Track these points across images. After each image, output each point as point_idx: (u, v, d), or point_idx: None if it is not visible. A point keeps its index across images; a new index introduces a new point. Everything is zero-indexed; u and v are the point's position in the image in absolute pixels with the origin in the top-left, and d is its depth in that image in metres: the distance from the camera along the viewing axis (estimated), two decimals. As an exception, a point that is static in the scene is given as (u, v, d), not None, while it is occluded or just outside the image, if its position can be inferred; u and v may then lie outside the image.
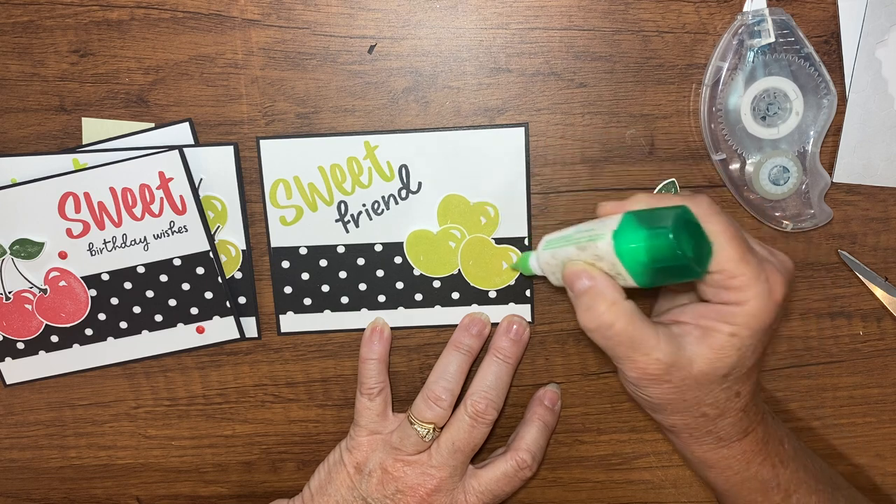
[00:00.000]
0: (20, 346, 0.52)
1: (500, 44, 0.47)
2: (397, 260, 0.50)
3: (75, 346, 0.52)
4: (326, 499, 0.48)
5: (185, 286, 0.50)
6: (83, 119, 0.48)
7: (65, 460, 0.55)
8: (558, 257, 0.42)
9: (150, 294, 0.50)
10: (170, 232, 0.49)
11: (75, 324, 0.51)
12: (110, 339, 0.51)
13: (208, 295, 0.51)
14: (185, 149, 0.48)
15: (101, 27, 0.47)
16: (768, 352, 0.51)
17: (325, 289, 0.51)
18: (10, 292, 0.50)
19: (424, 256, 0.50)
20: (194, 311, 0.51)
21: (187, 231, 0.49)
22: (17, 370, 0.52)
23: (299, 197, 0.49)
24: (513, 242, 0.49)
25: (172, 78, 0.47)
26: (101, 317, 0.51)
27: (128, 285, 0.50)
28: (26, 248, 0.49)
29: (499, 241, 0.49)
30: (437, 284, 0.50)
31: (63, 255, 0.50)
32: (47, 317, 0.51)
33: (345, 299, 0.51)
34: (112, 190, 0.48)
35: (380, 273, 0.50)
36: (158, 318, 0.51)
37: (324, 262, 0.50)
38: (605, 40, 0.47)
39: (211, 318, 0.51)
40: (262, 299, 0.51)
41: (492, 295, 0.50)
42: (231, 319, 0.51)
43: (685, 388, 0.39)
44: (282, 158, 0.48)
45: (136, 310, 0.51)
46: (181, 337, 0.51)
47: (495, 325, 0.50)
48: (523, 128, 0.48)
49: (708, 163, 0.48)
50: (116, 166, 0.48)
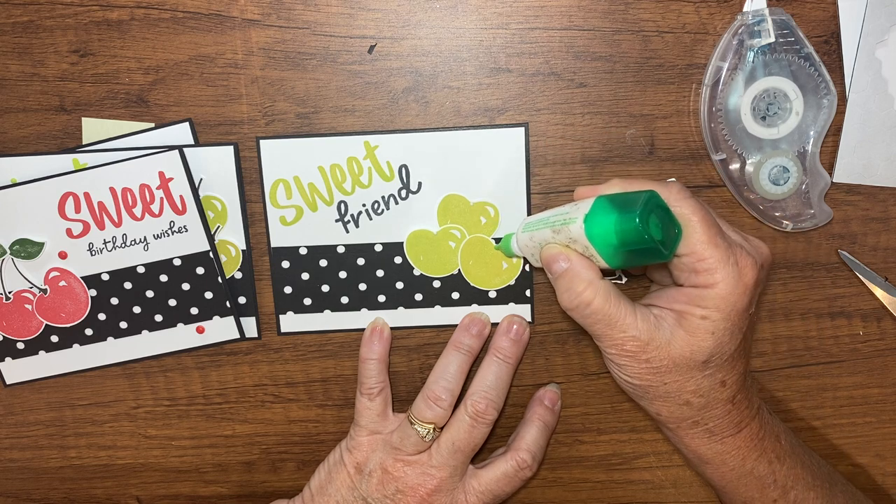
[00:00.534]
0: (20, 346, 0.52)
1: (500, 44, 0.47)
2: (397, 260, 0.50)
3: (75, 346, 0.52)
4: (327, 499, 0.48)
5: (185, 286, 0.50)
6: (83, 119, 0.48)
7: (65, 460, 0.55)
8: (536, 240, 0.43)
9: (150, 294, 0.50)
10: (170, 232, 0.49)
11: (75, 324, 0.51)
12: (110, 339, 0.51)
13: (208, 295, 0.51)
14: (185, 149, 0.48)
15: (101, 27, 0.47)
16: (762, 344, 0.51)
17: (325, 289, 0.51)
18: (10, 292, 0.50)
19: (424, 256, 0.50)
20: (194, 311, 0.51)
21: (187, 231, 0.49)
22: (17, 370, 0.52)
23: (299, 197, 0.49)
24: (513, 242, 0.49)
25: (172, 78, 0.47)
26: (101, 317, 0.51)
27: (128, 285, 0.50)
28: (26, 248, 0.49)
29: (498, 241, 0.49)
30: (437, 284, 0.50)
31: (63, 255, 0.50)
32: (47, 317, 0.51)
33: (345, 299, 0.51)
34: (112, 190, 0.48)
35: (380, 273, 0.50)
36: (158, 318, 0.51)
37: (324, 262, 0.50)
38: (605, 40, 0.47)
39: (211, 318, 0.51)
40: (262, 299, 0.51)
41: (492, 295, 0.50)
42: (231, 319, 0.51)
43: (663, 370, 0.40)
44: (282, 158, 0.48)
45: (136, 310, 0.51)
46: (181, 337, 0.51)
47: (495, 325, 0.50)
48: (523, 128, 0.48)
49: (708, 163, 0.48)
50: (116, 166, 0.48)
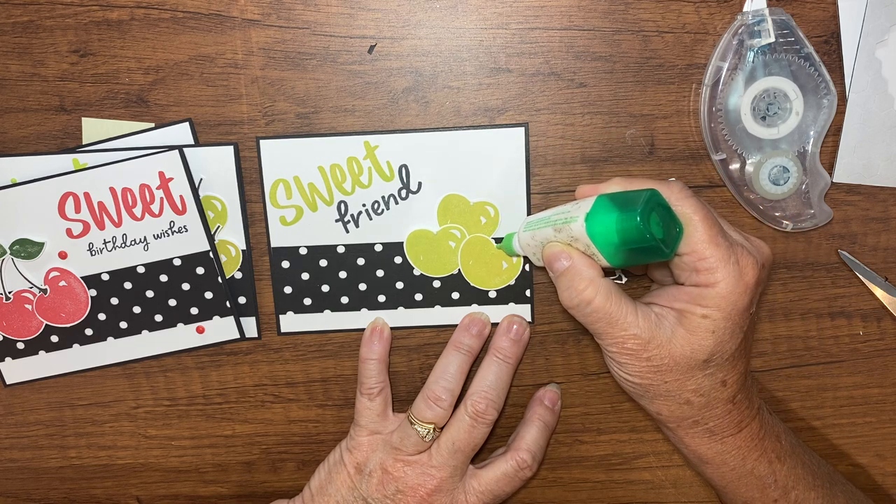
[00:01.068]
0: (20, 346, 0.52)
1: (500, 44, 0.47)
2: (397, 260, 0.50)
3: (75, 346, 0.52)
4: (327, 499, 0.48)
5: (185, 286, 0.50)
6: (83, 119, 0.48)
7: (65, 460, 0.55)
8: (537, 238, 0.43)
9: (150, 294, 0.50)
10: (170, 232, 0.49)
11: (75, 324, 0.51)
12: (110, 339, 0.51)
13: (208, 295, 0.51)
14: (185, 149, 0.48)
15: (101, 27, 0.47)
16: (762, 344, 0.51)
17: (325, 289, 0.51)
18: (10, 292, 0.50)
19: (424, 256, 0.50)
20: (194, 311, 0.51)
21: (187, 231, 0.49)
22: (17, 370, 0.52)
23: (299, 197, 0.49)
24: (513, 242, 0.49)
25: (172, 78, 0.47)
26: (101, 317, 0.51)
27: (128, 285, 0.50)
28: (26, 248, 0.49)
29: (498, 241, 0.49)
30: (437, 284, 0.50)
31: (63, 255, 0.50)
32: (47, 317, 0.51)
33: (345, 299, 0.51)
34: (112, 190, 0.48)
35: (380, 273, 0.50)
36: (158, 318, 0.51)
37: (324, 262, 0.50)
38: (605, 40, 0.47)
39: (211, 318, 0.51)
40: (262, 299, 0.51)
41: (492, 295, 0.50)
42: (231, 319, 0.51)
43: (664, 369, 0.40)
44: (282, 158, 0.48)
45: (136, 310, 0.51)
46: (181, 337, 0.51)
47: (495, 325, 0.50)
48: (523, 128, 0.48)
49: (708, 163, 0.48)
50: (116, 166, 0.48)
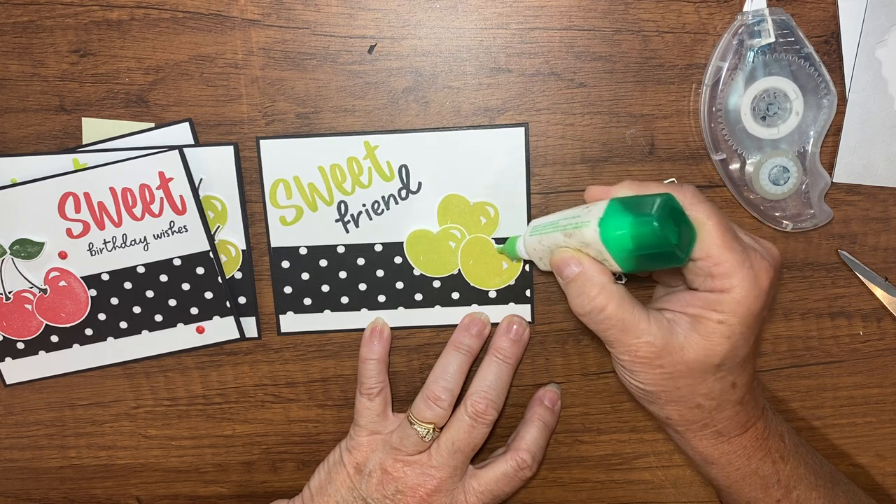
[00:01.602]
0: (20, 346, 0.52)
1: (500, 44, 0.47)
2: (397, 260, 0.50)
3: (75, 346, 0.52)
4: (326, 499, 0.48)
5: (185, 286, 0.50)
6: (83, 119, 0.48)
7: (65, 460, 0.55)
8: (545, 243, 0.42)
9: (150, 294, 0.50)
10: (170, 232, 0.49)
11: (75, 324, 0.51)
12: (110, 339, 0.51)
13: (208, 295, 0.51)
14: (185, 149, 0.48)
15: (101, 27, 0.47)
16: (762, 344, 0.51)
17: (325, 289, 0.51)
18: (10, 292, 0.50)
19: (424, 256, 0.50)
20: (194, 311, 0.51)
21: (187, 231, 0.49)
22: (17, 370, 0.52)
23: (299, 197, 0.49)
24: (513, 242, 0.49)
25: (172, 78, 0.47)
26: (101, 317, 0.51)
27: (128, 285, 0.50)
28: (26, 248, 0.49)
29: (499, 241, 0.49)
30: (437, 284, 0.50)
31: (63, 255, 0.50)
32: (47, 317, 0.51)
33: (345, 299, 0.51)
34: (112, 190, 0.48)
35: (380, 273, 0.50)
36: (158, 318, 0.51)
37: (324, 262, 0.50)
38: (605, 40, 0.47)
39: (211, 318, 0.51)
40: (262, 299, 0.51)
41: (492, 295, 0.50)
42: (231, 319, 0.51)
43: (677, 375, 0.40)
44: (282, 158, 0.48)
45: (136, 310, 0.51)
46: (181, 337, 0.51)
47: (496, 325, 0.50)
48: (523, 128, 0.48)
49: (708, 163, 0.48)
50: (116, 166, 0.48)
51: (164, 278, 0.50)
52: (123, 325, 0.51)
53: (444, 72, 0.47)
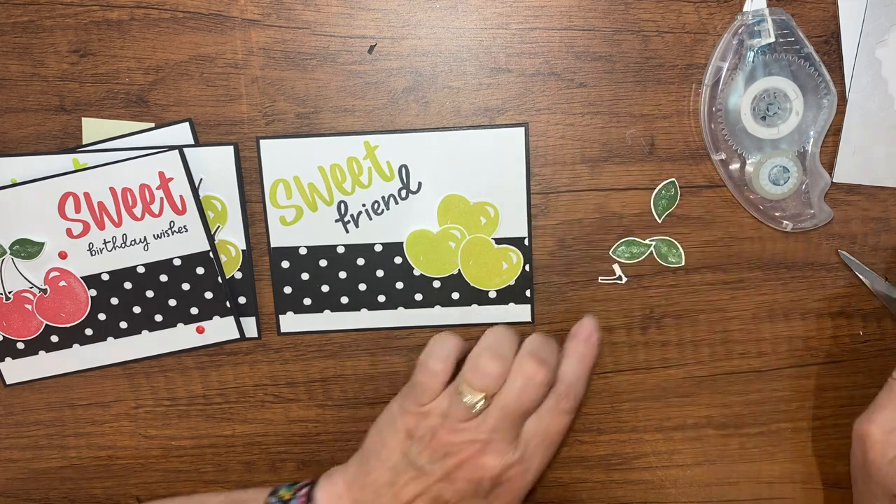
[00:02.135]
0: (20, 346, 0.52)
1: (500, 44, 0.47)
2: (397, 260, 0.50)
3: (75, 346, 0.52)
4: (380, 463, 0.47)
5: (185, 286, 0.50)
6: (83, 119, 0.48)
7: (65, 460, 0.55)
8: None
9: (150, 294, 0.50)
10: (170, 232, 0.49)
11: (75, 324, 0.51)
12: (110, 339, 0.51)
13: (208, 295, 0.51)
14: (185, 149, 0.48)
15: (101, 27, 0.47)
16: (762, 344, 0.51)
17: (325, 289, 0.51)
18: (10, 292, 0.50)
19: (424, 256, 0.50)
20: (194, 311, 0.51)
21: (187, 231, 0.49)
22: (17, 370, 0.52)
23: (299, 197, 0.49)
24: (513, 242, 0.49)
25: (172, 78, 0.47)
26: (101, 317, 0.51)
27: (128, 285, 0.50)
28: (26, 248, 0.49)
29: (499, 241, 0.49)
30: (437, 284, 0.50)
31: (63, 255, 0.50)
32: (47, 317, 0.51)
33: (345, 299, 0.51)
34: (112, 190, 0.48)
35: (380, 273, 0.50)
36: (158, 318, 0.51)
37: (324, 263, 0.50)
38: (605, 40, 0.47)
39: (211, 318, 0.51)
40: (262, 299, 0.51)
41: (492, 295, 0.50)
42: (231, 319, 0.51)
43: None
44: (282, 158, 0.48)
45: (136, 310, 0.51)
46: (181, 337, 0.52)
47: (495, 324, 0.50)
48: (523, 128, 0.48)
49: (708, 163, 0.48)
50: (116, 166, 0.48)
51: (164, 278, 0.50)
52: (123, 325, 0.51)
53: (444, 72, 0.47)
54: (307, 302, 0.51)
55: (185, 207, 0.49)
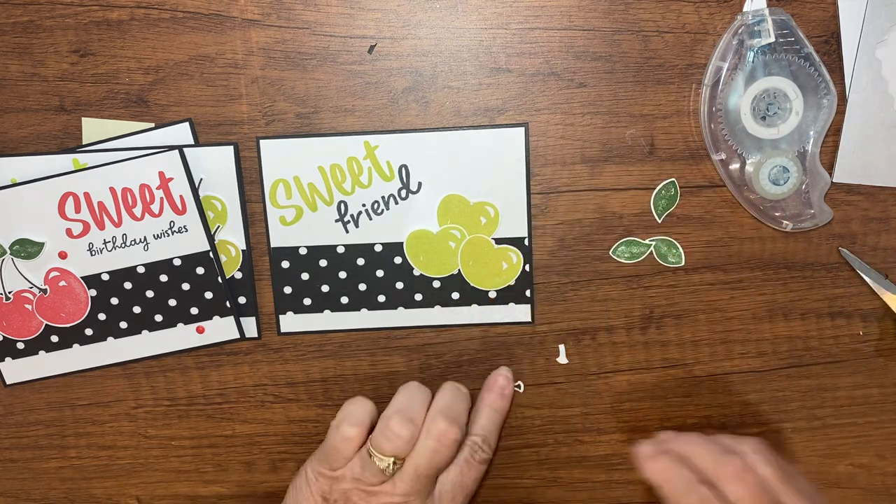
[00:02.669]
0: (20, 346, 0.52)
1: (500, 44, 0.47)
2: (397, 260, 0.50)
3: (75, 346, 0.52)
4: None
5: (185, 286, 0.50)
6: (83, 119, 0.48)
7: (65, 460, 0.55)
8: None
9: (150, 294, 0.50)
10: (170, 232, 0.49)
11: (75, 324, 0.51)
12: (110, 339, 0.51)
13: (208, 295, 0.51)
14: (185, 149, 0.48)
15: (101, 27, 0.47)
16: (762, 344, 0.51)
17: (325, 289, 0.51)
18: (10, 292, 0.50)
19: (424, 256, 0.50)
20: (194, 311, 0.51)
21: (187, 231, 0.49)
22: (17, 370, 0.52)
23: (299, 197, 0.49)
24: (513, 242, 0.49)
25: (172, 78, 0.47)
26: (101, 317, 0.51)
27: (128, 285, 0.50)
28: (26, 248, 0.49)
29: (499, 241, 0.49)
30: (437, 284, 0.50)
31: (63, 255, 0.50)
32: (47, 317, 0.51)
33: (345, 299, 0.51)
34: (112, 190, 0.48)
35: (380, 273, 0.50)
36: (158, 318, 0.51)
37: (324, 263, 0.50)
38: (605, 40, 0.47)
39: (211, 318, 0.51)
40: (262, 299, 0.51)
41: (492, 295, 0.50)
42: (231, 319, 0.51)
43: None
44: (282, 158, 0.48)
45: (136, 310, 0.51)
46: (181, 337, 0.52)
47: (497, 324, 0.50)
48: (523, 128, 0.48)
49: (708, 163, 0.48)
50: (116, 166, 0.48)
51: (164, 278, 0.50)
52: (123, 325, 0.51)
53: (444, 72, 0.47)
54: (307, 302, 0.51)
55: (185, 207, 0.49)
